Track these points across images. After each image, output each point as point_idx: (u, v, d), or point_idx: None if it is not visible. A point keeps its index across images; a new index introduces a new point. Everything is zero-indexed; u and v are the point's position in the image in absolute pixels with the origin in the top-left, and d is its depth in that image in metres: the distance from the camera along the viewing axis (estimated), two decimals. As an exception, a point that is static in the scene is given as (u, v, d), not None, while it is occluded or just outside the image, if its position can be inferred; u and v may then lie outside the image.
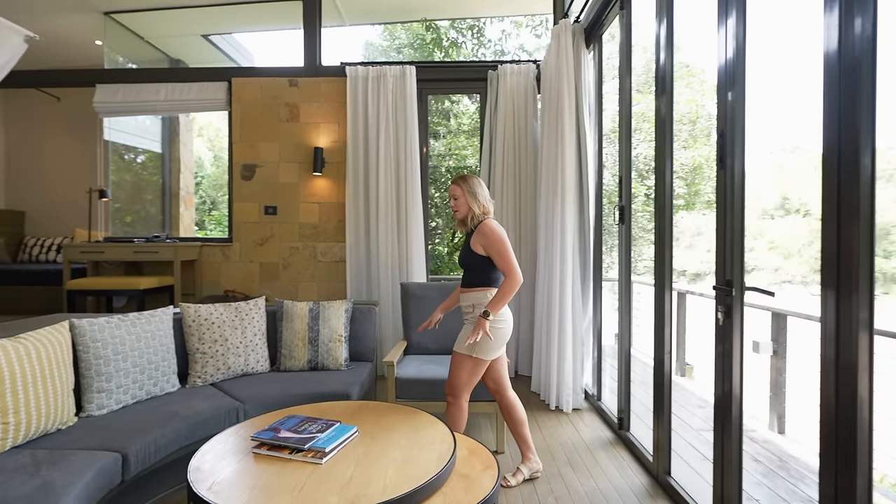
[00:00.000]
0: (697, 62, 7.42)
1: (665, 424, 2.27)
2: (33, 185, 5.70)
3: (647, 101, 6.53)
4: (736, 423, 1.73)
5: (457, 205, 2.24)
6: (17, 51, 3.29)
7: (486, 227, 2.16)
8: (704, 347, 4.56)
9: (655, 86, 2.35)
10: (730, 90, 1.72)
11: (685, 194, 6.71)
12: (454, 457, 1.59)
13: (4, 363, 1.73)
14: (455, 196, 2.24)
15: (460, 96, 6.41)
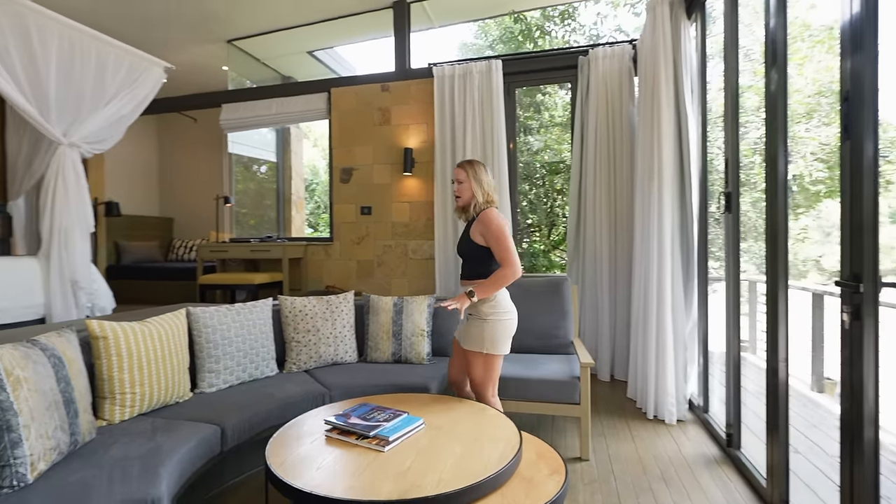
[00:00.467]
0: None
1: (781, 444, 1.95)
2: (179, 195, 6.69)
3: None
4: (870, 446, 1.41)
5: (460, 189, 2.11)
6: (158, 81, 3.86)
7: (487, 215, 2.05)
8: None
9: (765, 55, 2.02)
10: (855, 43, 1.41)
11: (826, 178, 5.72)
12: (517, 458, 1.51)
13: (133, 342, 2.03)
14: (460, 180, 2.12)
15: (553, 87, 6.19)
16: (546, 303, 3.06)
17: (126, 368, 1.98)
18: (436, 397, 2.13)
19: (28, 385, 1.47)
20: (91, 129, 3.38)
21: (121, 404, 1.95)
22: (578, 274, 4.06)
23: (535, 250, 7.31)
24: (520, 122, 6.49)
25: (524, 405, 2.52)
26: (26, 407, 1.45)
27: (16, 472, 1.40)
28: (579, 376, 2.44)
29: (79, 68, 3.25)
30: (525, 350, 3.01)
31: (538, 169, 7.12)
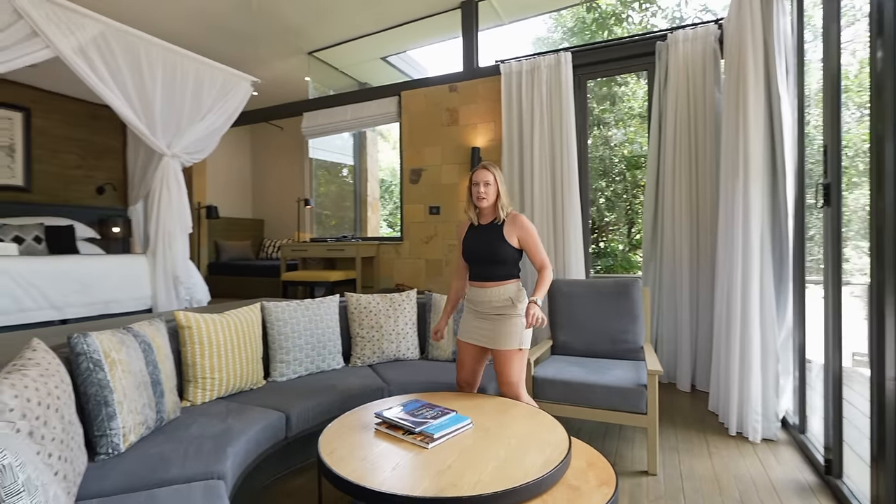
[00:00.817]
0: None
1: (889, 474, 1.67)
2: (268, 199, 7.26)
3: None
4: None
5: (488, 191, 2.13)
6: (246, 94, 4.22)
7: (524, 219, 2.16)
8: None
9: (870, 26, 1.74)
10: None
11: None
12: (563, 465, 1.45)
13: (213, 332, 2.23)
14: (488, 181, 2.14)
15: (630, 77, 5.85)
16: (614, 305, 2.90)
17: (207, 356, 2.19)
18: (488, 398, 2.11)
19: (122, 366, 1.68)
20: (190, 141, 3.78)
21: (202, 388, 2.16)
22: (655, 275, 3.80)
23: (612, 250, 6.96)
24: (594, 115, 6.21)
25: (588, 412, 2.41)
26: (120, 385, 1.65)
27: (111, 441, 1.60)
28: (646, 384, 2.28)
29: (179, 87, 3.65)
30: (591, 354, 2.88)
31: (616, 164, 6.77)
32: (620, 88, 6.08)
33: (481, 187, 2.13)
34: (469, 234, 2.25)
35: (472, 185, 2.17)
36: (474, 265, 2.21)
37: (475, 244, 2.20)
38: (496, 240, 2.15)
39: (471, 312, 2.25)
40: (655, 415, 2.25)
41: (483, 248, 2.17)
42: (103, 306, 3.29)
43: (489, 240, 2.16)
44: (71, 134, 5.21)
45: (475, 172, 2.18)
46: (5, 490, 0.74)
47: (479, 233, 2.20)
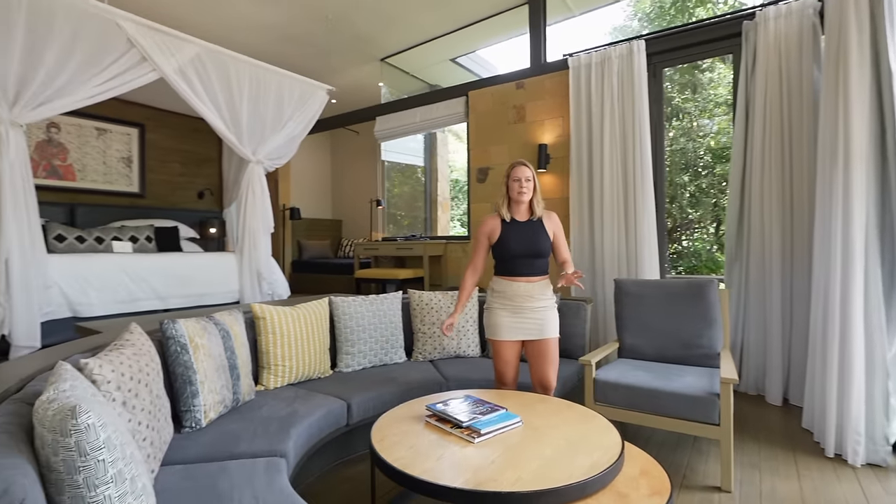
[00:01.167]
0: None
1: None
2: (346, 200, 7.65)
3: None
4: None
5: (529, 187, 2.22)
6: (322, 102, 4.49)
7: (555, 215, 2.32)
8: None
9: None
10: None
11: None
12: (611, 470, 1.39)
13: (285, 323, 2.42)
14: (528, 178, 2.22)
15: (714, 63, 5.40)
16: (687, 308, 2.71)
17: (279, 344, 2.37)
18: (544, 398, 2.07)
19: (203, 350, 1.88)
20: (272, 148, 4.11)
21: (275, 374, 2.35)
22: (741, 276, 3.48)
23: (696, 249, 6.48)
24: (673, 105, 5.81)
25: (653, 419, 2.28)
26: (202, 367, 1.85)
27: (194, 417, 1.80)
28: (719, 393, 2.11)
29: (263, 99, 3.98)
30: (661, 359, 2.72)
31: (701, 156, 6.29)
32: (704, 75, 5.63)
33: (523, 183, 2.19)
34: (506, 230, 2.24)
35: (512, 180, 2.22)
36: (516, 260, 2.22)
37: (519, 239, 2.21)
38: (541, 235, 2.22)
39: (504, 309, 2.23)
40: (730, 426, 2.07)
41: (529, 244, 2.20)
42: (198, 298, 3.69)
43: (534, 235, 2.21)
44: (176, 145, 5.88)
45: (515, 169, 2.23)
46: (89, 445, 0.87)
47: (520, 228, 2.23)
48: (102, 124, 5.23)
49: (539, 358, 2.23)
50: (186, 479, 1.43)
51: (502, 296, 2.25)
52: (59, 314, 3.10)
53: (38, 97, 2.86)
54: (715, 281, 2.74)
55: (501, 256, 2.26)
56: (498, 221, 2.26)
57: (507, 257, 2.24)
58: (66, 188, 4.95)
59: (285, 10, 4.40)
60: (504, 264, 2.26)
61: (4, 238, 2.69)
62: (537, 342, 2.22)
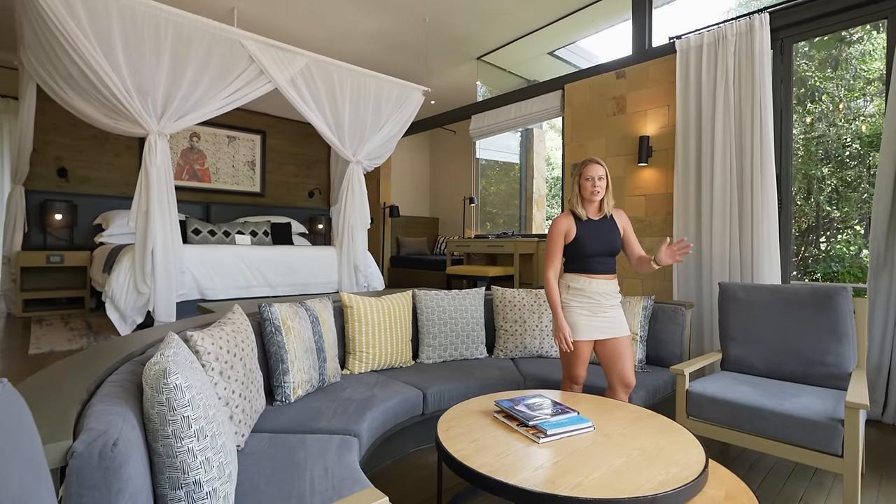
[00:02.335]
0: None
1: None
2: (443, 198, 7.85)
3: None
4: None
5: (602, 186, 2.21)
6: (418, 103, 4.66)
7: (623, 212, 2.33)
8: None
9: None
10: None
11: None
12: (689, 488, 1.26)
13: (370, 313, 2.56)
14: (601, 176, 2.21)
15: (863, 31, 4.54)
16: (810, 319, 2.34)
17: (364, 332, 2.52)
18: (623, 405, 1.94)
19: (294, 333, 2.06)
20: (371, 148, 4.36)
21: (360, 360, 2.50)
22: (890, 284, 2.93)
23: (838, 252, 5.56)
24: (809, 85, 5.01)
25: (757, 441, 2.01)
26: (292, 348, 2.03)
27: (284, 392, 1.99)
28: (843, 419, 1.80)
29: (363, 103, 4.24)
30: (774, 375, 2.39)
31: (847, 144, 5.36)
32: (850, 48, 4.79)
33: (595, 182, 2.20)
34: (582, 228, 2.23)
35: (584, 179, 2.22)
36: (594, 258, 2.22)
37: (597, 238, 2.22)
38: (614, 232, 2.25)
39: (581, 308, 2.20)
40: (857, 459, 1.75)
41: (607, 242, 2.22)
42: (302, 287, 4.06)
43: (610, 233, 2.24)
44: (291, 149, 6.52)
45: (587, 167, 2.22)
46: (177, 402, 1.01)
47: (596, 227, 2.24)
48: (232, 132, 5.98)
49: (617, 357, 2.19)
50: (271, 446, 1.58)
51: (581, 294, 2.21)
52: (190, 296, 3.62)
53: (179, 111, 3.36)
54: (848, 289, 2.33)
55: (578, 255, 2.24)
56: (572, 220, 2.25)
57: (583, 255, 2.22)
58: (203, 189, 5.75)
59: (386, 18, 4.64)
60: (580, 262, 2.24)
61: (151, 231, 3.21)
62: (614, 340, 2.19)
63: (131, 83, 3.09)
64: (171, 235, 3.34)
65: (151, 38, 3.12)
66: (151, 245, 3.22)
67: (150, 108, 3.22)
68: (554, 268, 2.27)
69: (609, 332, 2.19)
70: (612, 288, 2.23)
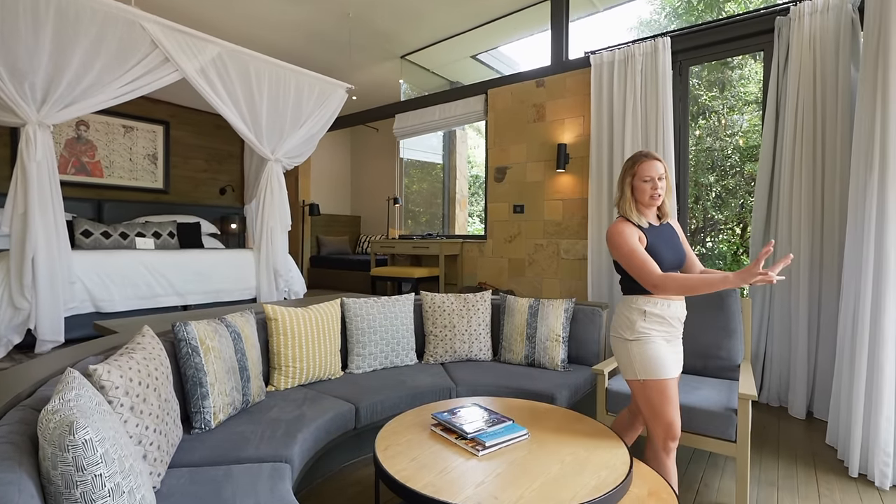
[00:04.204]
0: None
1: None
2: (364, 196, 7.69)
3: None
4: None
5: (664, 186, 1.73)
6: (341, 100, 4.50)
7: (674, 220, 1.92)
8: None
9: None
10: None
11: None
12: (617, 491, 1.35)
13: (296, 324, 2.43)
14: (661, 175, 1.72)
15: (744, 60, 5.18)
16: (705, 317, 2.62)
17: (290, 346, 2.39)
18: (552, 408, 2.03)
19: (214, 353, 1.91)
20: (290, 146, 4.14)
21: (285, 375, 2.37)
22: (763, 285, 3.36)
23: (720, 251, 6.29)
24: (699, 103, 5.62)
25: (666, 431, 2.21)
26: (212, 369, 1.87)
27: (204, 418, 1.83)
28: (736, 409, 2.04)
29: (282, 98, 4.01)
30: (684, 370, 2.64)
31: (728, 156, 6.09)
32: (733, 72, 5.43)
33: (656, 183, 1.72)
34: (653, 237, 1.76)
35: (641, 181, 1.72)
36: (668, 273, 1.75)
37: (669, 247, 1.78)
38: (679, 241, 1.84)
39: (661, 338, 1.72)
40: (747, 444, 1.99)
41: (677, 252, 1.80)
42: (216, 294, 3.76)
43: (677, 243, 1.83)
44: (200, 142, 6.00)
45: (642, 164, 1.72)
46: (86, 460, 0.88)
47: (663, 235, 1.79)
48: (129, 122, 5.37)
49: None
50: (192, 483, 1.45)
51: (661, 321, 1.73)
52: (82, 309, 3.20)
53: (64, 98, 2.94)
54: (737, 291, 2.64)
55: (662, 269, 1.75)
56: (635, 227, 1.76)
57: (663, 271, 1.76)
58: (94, 184, 5.10)
59: (307, 8, 4.42)
60: None
61: (31, 236, 2.78)
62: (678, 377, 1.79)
63: (2, 64, 2.65)
64: (56, 241, 2.92)
65: (28, 13, 2.70)
66: (32, 252, 2.79)
67: (28, 95, 2.78)
68: (657, 268, 1.67)
69: (681, 366, 1.80)
70: (683, 309, 1.80)
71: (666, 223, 1.84)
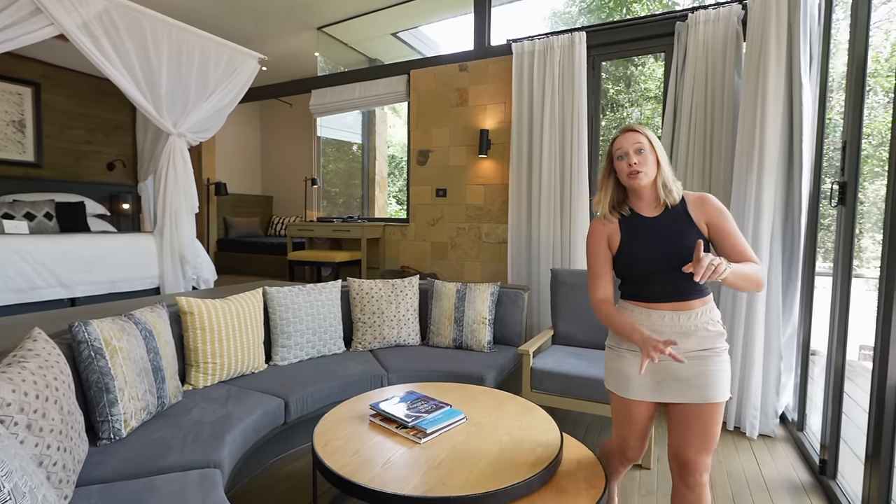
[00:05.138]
0: None
1: (882, 475, 1.66)
2: (277, 175, 7.25)
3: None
4: None
5: (642, 161, 1.40)
6: (253, 72, 4.16)
7: (710, 198, 1.45)
8: None
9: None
10: None
11: None
12: (554, 465, 1.46)
13: (215, 318, 2.26)
14: (640, 147, 1.41)
15: (645, 59, 5.64)
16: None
17: (209, 340, 2.22)
18: (485, 390, 2.12)
19: (122, 354, 1.71)
20: (196, 120, 3.76)
21: (204, 372, 2.21)
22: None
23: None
24: (608, 96, 6.04)
25: (585, 404, 2.41)
26: (121, 372, 1.69)
27: (112, 427, 1.65)
28: (644, 380, 2.27)
29: (185, 65, 3.61)
30: (593, 346, 2.88)
31: (630, 147, 6.62)
32: (637, 69, 5.89)
33: (631, 156, 1.41)
34: (628, 231, 1.48)
35: (616, 158, 1.46)
36: (652, 278, 1.43)
37: (651, 243, 1.43)
38: (685, 231, 1.41)
39: (629, 350, 1.47)
40: (652, 411, 2.24)
41: (670, 248, 1.40)
42: (110, 285, 3.35)
43: (677, 233, 1.41)
44: (80, 109, 5.21)
45: (617, 139, 1.47)
46: (-8, 497, 0.76)
47: (651, 227, 1.45)
48: (-15, 80, 4.50)
49: (694, 429, 1.39)
50: (106, 502, 1.31)
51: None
52: (-62, 305, 2.68)
53: None
54: (643, 273, 2.92)
55: (627, 273, 1.50)
56: (612, 222, 1.51)
57: (634, 274, 1.47)
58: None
59: (209, -34, 3.99)
60: (632, 284, 1.50)
61: None
62: (698, 407, 1.39)
63: None
64: None
65: None
66: None
67: None
68: (602, 289, 1.51)
69: (681, 396, 1.40)
70: (695, 323, 1.40)
71: (674, 208, 1.45)
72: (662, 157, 1.44)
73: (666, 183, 1.44)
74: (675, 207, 1.45)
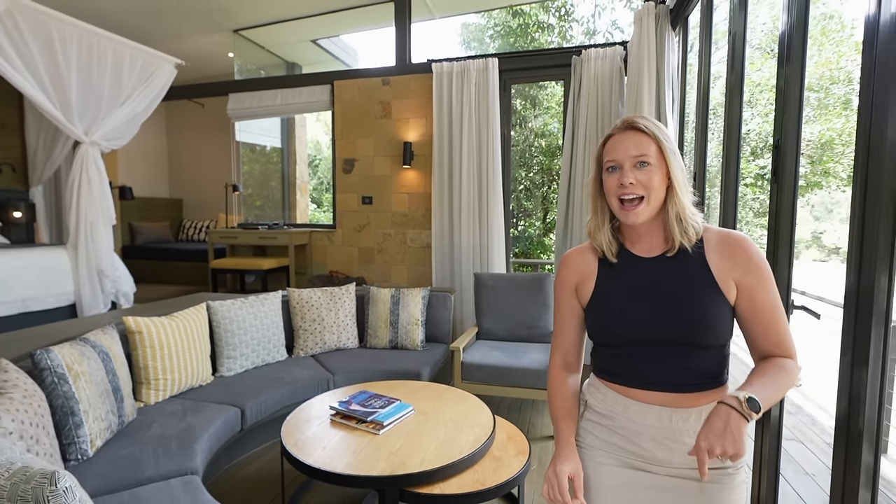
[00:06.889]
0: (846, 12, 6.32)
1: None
2: (187, 177, 6.93)
3: (767, 67, 5.81)
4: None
5: (644, 182, 0.93)
6: (170, 76, 4.06)
7: (743, 238, 0.95)
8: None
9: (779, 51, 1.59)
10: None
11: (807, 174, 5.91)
12: (489, 441, 1.83)
13: (163, 335, 2.33)
14: (642, 160, 0.93)
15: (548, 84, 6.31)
16: (530, 296, 3.35)
17: (158, 358, 2.29)
18: (426, 385, 2.44)
19: (84, 378, 1.78)
20: (110, 128, 3.61)
21: (155, 388, 2.28)
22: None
23: (529, 235, 7.56)
24: (517, 112, 6.64)
25: (508, 390, 2.83)
26: (84, 395, 1.76)
27: (80, 448, 1.72)
28: (554, 366, 2.75)
29: (97, 70, 3.45)
30: (511, 339, 3.32)
31: (534, 155, 7.31)
32: (541, 92, 6.54)
33: (628, 173, 0.94)
34: (607, 277, 1.03)
35: (606, 169, 0.98)
36: (636, 351, 0.98)
37: (643, 299, 0.98)
38: (699, 286, 0.95)
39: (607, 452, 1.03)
40: (561, 391, 2.73)
41: (668, 309, 0.95)
42: (21, 305, 3.14)
43: (682, 287, 0.96)
44: (-46, 106, 4.62)
45: (610, 141, 0.99)
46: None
47: (645, 272, 1.00)
48: None
49: None
50: (100, 512, 1.44)
51: (602, 420, 1.04)
52: None
53: None
54: (551, 276, 3.43)
55: (602, 339, 1.03)
56: (592, 258, 1.07)
57: (609, 341, 1.02)
58: None
59: (118, -35, 3.81)
60: (607, 357, 1.04)
61: None
62: None
63: None
64: None
65: None
66: None
67: None
68: (561, 350, 1.11)
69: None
70: (688, 426, 0.94)
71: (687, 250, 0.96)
72: (677, 173, 0.95)
73: (681, 215, 0.95)
74: (688, 249, 0.96)
